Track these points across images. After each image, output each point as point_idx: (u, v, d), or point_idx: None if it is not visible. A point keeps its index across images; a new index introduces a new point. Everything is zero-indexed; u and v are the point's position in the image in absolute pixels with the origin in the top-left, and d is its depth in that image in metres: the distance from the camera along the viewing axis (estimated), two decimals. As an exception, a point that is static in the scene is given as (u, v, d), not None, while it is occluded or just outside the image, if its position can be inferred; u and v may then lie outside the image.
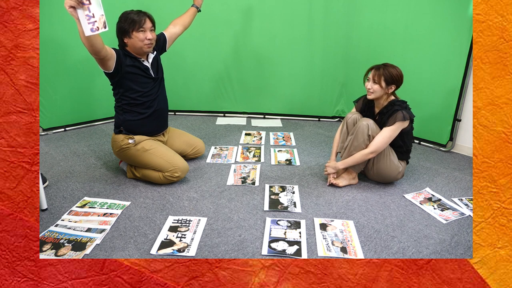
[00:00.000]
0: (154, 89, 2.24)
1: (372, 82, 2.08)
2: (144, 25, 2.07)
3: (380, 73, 2.05)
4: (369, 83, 2.09)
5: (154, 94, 2.24)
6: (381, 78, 2.05)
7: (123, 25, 2.07)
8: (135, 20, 2.05)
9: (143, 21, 2.06)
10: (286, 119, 3.70)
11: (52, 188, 2.18)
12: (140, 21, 2.05)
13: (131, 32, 2.06)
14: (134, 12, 2.08)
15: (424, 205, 2.05)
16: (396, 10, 2.97)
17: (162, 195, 2.12)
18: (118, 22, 2.10)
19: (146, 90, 2.19)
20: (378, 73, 2.05)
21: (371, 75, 2.08)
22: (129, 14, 2.07)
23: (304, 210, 1.97)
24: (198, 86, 3.67)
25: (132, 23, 2.05)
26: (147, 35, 2.08)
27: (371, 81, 2.08)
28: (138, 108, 2.19)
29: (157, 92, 2.26)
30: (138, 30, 2.06)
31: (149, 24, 2.09)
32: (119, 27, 2.09)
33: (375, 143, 2.08)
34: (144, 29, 2.07)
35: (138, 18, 2.05)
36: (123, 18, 2.08)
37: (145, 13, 2.10)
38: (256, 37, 3.43)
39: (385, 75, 2.04)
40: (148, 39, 2.09)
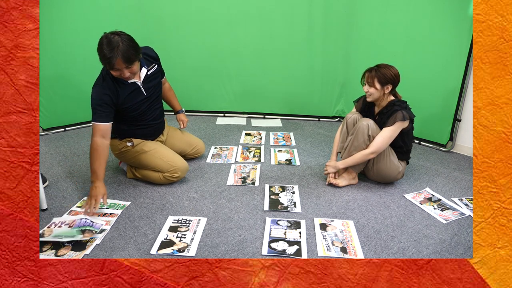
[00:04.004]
0: (145, 104, 2.13)
1: (368, 85, 2.09)
2: (116, 67, 1.84)
3: (373, 75, 2.06)
4: (365, 87, 2.11)
5: (146, 107, 2.15)
6: (374, 80, 2.06)
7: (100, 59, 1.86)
8: (105, 61, 1.83)
9: (114, 63, 1.82)
10: (286, 119, 3.70)
11: (52, 188, 2.18)
12: (111, 64, 1.83)
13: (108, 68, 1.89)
14: (107, 45, 1.79)
15: (424, 205, 2.05)
16: (396, 10, 2.97)
17: (162, 195, 2.12)
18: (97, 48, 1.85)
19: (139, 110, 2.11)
20: (371, 75, 2.07)
21: (365, 78, 2.11)
22: (102, 48, 1.81)
23: (304, 210, 1.97)
24: (198, 86, 3.67)
25: (104, 63, 1.85)
26: (122, 74, 1.89)
27: (367, 84, 2.10)
28: (130, 121, 2.15)
29: (150, 104, 2.17)
30: (112, 69, 1.87)
31: (121, 65, 1.84)
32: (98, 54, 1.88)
33: (375, 143, 2.08)
34: (117, 69, 1.86)
35: (109, 58, 1.81)
36: (98, 51, 1.84)
37: (118, 50, 1.79)
38: (256, 37, 3.43)
39: (378, 77, 2.05)
40: (125, 77, 1.92)
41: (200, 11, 3.37)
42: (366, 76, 2.09)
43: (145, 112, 2.16)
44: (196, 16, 3.39)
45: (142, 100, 2.10)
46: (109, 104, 1.96)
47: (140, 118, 2.16)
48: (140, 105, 2.11)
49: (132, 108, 2.07)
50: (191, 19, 3.40)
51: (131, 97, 2.05)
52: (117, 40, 1.81)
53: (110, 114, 1.98)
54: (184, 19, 3.41)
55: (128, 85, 2.03)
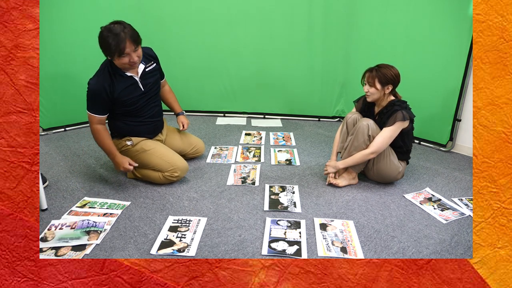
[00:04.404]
0: (142, 99, 2.15)
1: (368, 85, 2.09)
2: (126, 50, 1.88)
3: (373, 75, 2.06)
4: (366, 87, 2.11)
5: (144, 103, 2.17)
6: (375, 80, 2.06)
7: (104, 51, 1.92)
8: (113, 48, 1.85)
9: (123, 47, 1.86)
10: (286, 119, 3.70)
11: (52, 188, 2.18)
12: (119, 49, 1.86)
13: (114, 58, 1.92)
14: (113, 35, 1.84)
15: (424, 205, 2.05)
16: (396, 10, 2.97)
17: (162, 195, 2.12)
18: (99, 41, 1.89)
19: (136, 105, 2.13)
20: (372, 75, 2.07)
21: (366, 78, 2.10)
22: (107, 39, 1.85)
23: (304, 210, 1.97)
24: (198, 86, 3.67)
25: (112, 51, 1.87)
26: (131, 58, 1.93)
27: (367, 84, 2.10)
28: (128, 117, 2.16)
29: (147, 101, 2.19)
30: (120, 56, 1.90)
31: (131, 46, 1.89)
32: (101, 47, 1.91)
33: (375, 144, 2.08)
34: (127, 53, 1.90)
35: (117, 44, 1.84)
36: (102, 43, 1.88)
37: (124, 34, 1.85)
38: (256, 37, 3.43)
39: (378, 77, 2.05)
40: (132, 61, 1.95)
41: (200, 11, 3.37)
42: (367, 76, 2.09)
43: (143, 108, 2.18)
44: (196, 16, 3.39)
45: (139, 95, 2.13)
46: (104, 97, 2.01)
47: (137, 114, 2.17)
48: (137, 100, 2.12)
49: (129, 102, 2.09)
50: (191, 19, 3.40)
51: (128, 91, 2.07)
52: (118, 26, 1.87)
53: (105, 107, 2.07)
54: (184, 19, 3.40)
55: (125, 78, 2.05)
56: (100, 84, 1.98)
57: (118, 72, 2.02)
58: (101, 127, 2.09)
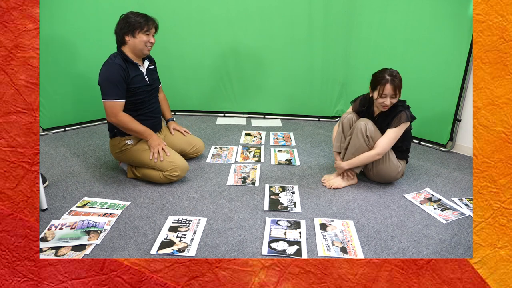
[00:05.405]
0: (147, 92, 2.24)
1: (390, 98, 2.01)
2: (151, 30, 2.13)
3: (396, 86, 1.99)
4: (387, 99, 2.02)
5: (147, 96, 2.25)
6: (397, 91, 2.01)
7: (130, 24, 2.08)
8: (143, 23, 2.08)
9: (151, 26, 2.12)
10: (286, 119, 3.70)
11: (52, 188, 2.18)
12: (148, 25, 2.11)
13: (136, 32, 2.09)
14: (142, 15, 2.11)
15: (424, 205, 2.05)
16: (396, 10, 2.97)
17: (162, 195, 2.12)
18: (123, 19, 2.10)
19: (141, 96, 2.21)
20: (394, 86, 1.99)
21: (388, 91, 1.99)
22: (137, 17, 2.09)
23: (304, 210, 1.97)
24: (198, 86, 3.67)
25: (140, 25, 2.08)
26: (150, 39, 2.14)
27: (389, 96, 2.01)
28: (130, 111, 2.17)
29: (150, 94, 2.28)
30: (144, 32, 2.10)
31: (153, 30, 2.16)
32: (124, 24, 2.09)
33: (381, 145, 2.08)
34: (150, 33, 2.13)
35: (147, 22, 2.10)
36: (131, 18, 2.08)
37: (153, 21, 2.15)
38: (256, 37, 3.43)
39: (399, 86, 2.01)
40: (151, 42, 2.15)
41: (200, 11, 3.37)
42: (390, 89, 1.98)
43: (145, 101, 2.25)
44: (196, 16, 3.39)
45: (145, 85, 2.22)
46: (122, 75, 2.08)
47: (139, 107, 2.22)
48: (143, 91, 2.21)
49: (137, 90, 2.17)
50: (191, 19, 3.40)
51: (138, 79, 2.18)
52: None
53: (123, 90, 2.11)
54: (184, 19, 3.40)
55: (135, 67, 2.18)
56: (117, 65, 2.08)
57: (129, 60, 2.14)
58: (125, 114, 2.12)
